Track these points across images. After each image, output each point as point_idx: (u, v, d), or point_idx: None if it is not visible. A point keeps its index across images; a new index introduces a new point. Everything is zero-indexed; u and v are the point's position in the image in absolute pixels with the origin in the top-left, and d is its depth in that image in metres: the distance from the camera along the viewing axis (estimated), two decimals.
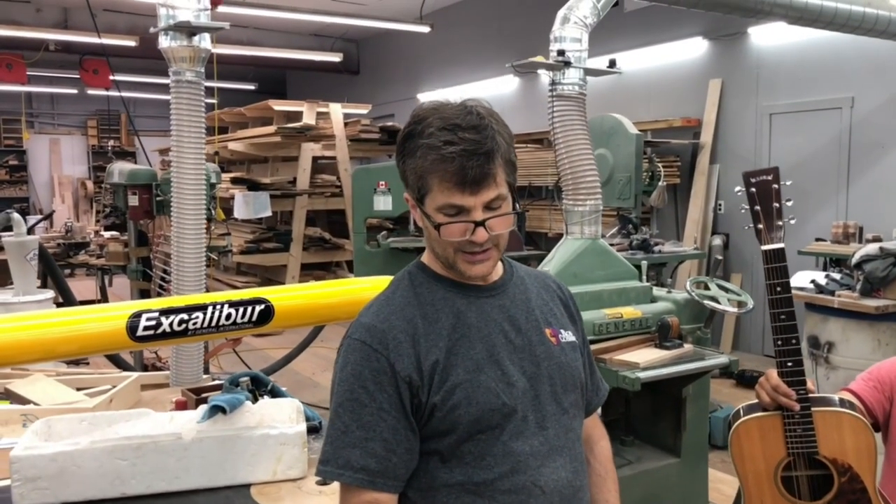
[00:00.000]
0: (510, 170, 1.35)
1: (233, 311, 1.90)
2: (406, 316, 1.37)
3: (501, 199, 1.33)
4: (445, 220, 1.32)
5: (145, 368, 5.25)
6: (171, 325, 1.84)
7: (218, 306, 1.89)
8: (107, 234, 9.72)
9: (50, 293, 4.34)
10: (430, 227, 1.34)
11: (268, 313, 1.96)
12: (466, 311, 1.38)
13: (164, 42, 2.65)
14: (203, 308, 1.87)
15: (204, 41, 2.68)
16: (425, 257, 1.46)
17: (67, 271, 10.06)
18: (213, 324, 1.89)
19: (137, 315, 1.82)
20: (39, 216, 12.50)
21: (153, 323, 1.83)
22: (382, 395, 1.31)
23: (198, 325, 1.86)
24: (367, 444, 1.30)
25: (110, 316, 1.86)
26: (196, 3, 2.63)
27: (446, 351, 1.34)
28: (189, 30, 2.60)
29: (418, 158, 1.30)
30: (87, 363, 5.74)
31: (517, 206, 1.39)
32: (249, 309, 1.93)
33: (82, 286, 9.12)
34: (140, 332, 1.82)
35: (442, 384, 1.32)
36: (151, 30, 2.70)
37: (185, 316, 1.85)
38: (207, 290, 2.82)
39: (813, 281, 4.48)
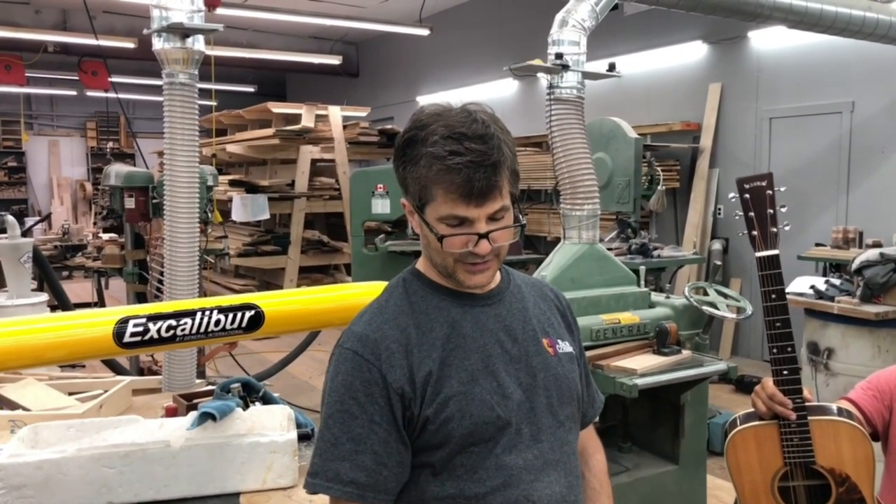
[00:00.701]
0: (514, 180, 1.32)
1: (222, 316, 1.87)
2: (399, 325, 1.34)
3: (505, 211, 1.30)
4: (448, 231, 1.28)
5: (141, 372, 5.22)
6: (158, 331, 1.81)
7: (207, 312, 1.86)
8: (105, 237, 9.68)
9: (44, 296, 4.31)
10: (431, 237, 1.31)
11: (258, 319, 1.93)
12: (461, 321, 1.35)
13: (158, 44, 2.63)
14: (192, 314, 1.85)
15: (197, 43, 2.66)
16: (420, 264, 1.43)
17: (65, 273, 10.04)
18: (202, 330, 1.86)
19: (124, 321, 1.79)
20: (38, 218, 12.48)
21: (140, 329, 1.80)
22: (373, 407, 1.28)
23: (186, 332, 1.83)
24: (356, 456, 1.27)
25: (97, 322, 1.83)
26: (189, 4, 2.60)
27: (440, 362, 1.31)
28: (182, 31, 2.58)
29: (422, 167, 1.27)
30: (84, 366, 5.72)
31: (520, 217, 1.36)
32: (239, 315, 1.90)
33: (80, 288, 9.11)
34: (127, 339, 1.79)
35: (435, 396, 1.29)
36: (145, 31, 2.68)
37: (173, 322, 1.83)
38: (205, 294, 2.80)
39: (812, 286, 4.44)
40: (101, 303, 7.17)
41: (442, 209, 1.27)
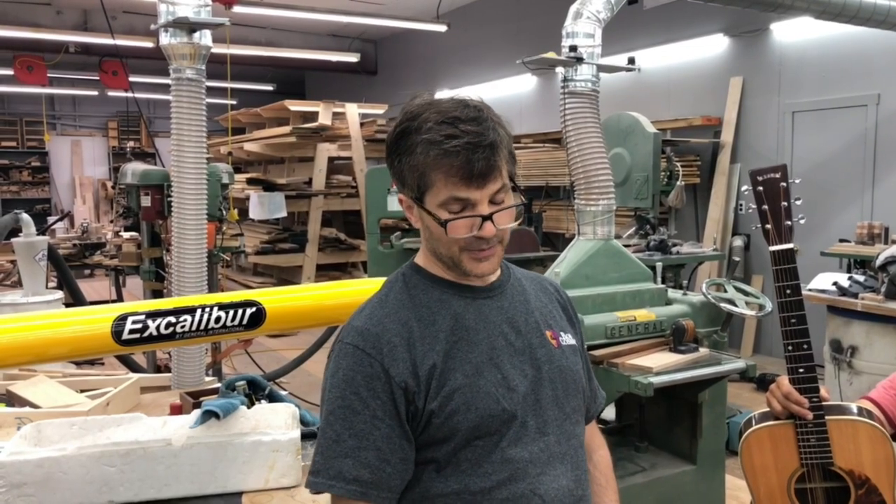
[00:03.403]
0: (511, 161, 1.32)
1: (222, 313, 1.84)
2: (400, 319, 1.31)
3: (504, 192, 1.29)
4: (451, 216, 1.27)
5: (158, 369, 5.22)
6: (157, 328, 1.79)
7: (207, 309, 1.83)
8: (126, 235, 9.75)
9: (59, 294, 4.33)
10: (435, 226, 1.29)
11: (259, 316, 1.90)
12: (464, 313, 1.33)
13: (164, 39, 2.61)
14: (191, 311, 1.82)
15: (205, 38, 2.63)
16: (419, 258, 1.41)
17: (87, 272, 10.12)
18: (202, 327, 1.83)
19: (123, 318, 1.77)
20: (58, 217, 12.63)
21: (139, 326, 1.78)
22: (376, 402, 1.25)
23: (186, 329, 1.80)
24: (359, 453, 1.24)
25: (96, 319, 1.80)
26: None
27: (444, 354, 1.29)
28: (188, 26, 2.56)
29: (418, 155, 1.26)
30: (103, 363, 5.75)
31: (521, 197, 1.35)
32: (240, 312, 1.87)
33: (100, 286, 9.17)
34: (126, 336, 1.76)
35: (440, 389, 1.27)
36: (152, 27, 2.66)
37: (172, 319, 1.80)
38: (221, 291, 2.78)
39: (835, 283, 4.35)
40: (118, 300, 7.21)
41: (442, 194, 1.26)
